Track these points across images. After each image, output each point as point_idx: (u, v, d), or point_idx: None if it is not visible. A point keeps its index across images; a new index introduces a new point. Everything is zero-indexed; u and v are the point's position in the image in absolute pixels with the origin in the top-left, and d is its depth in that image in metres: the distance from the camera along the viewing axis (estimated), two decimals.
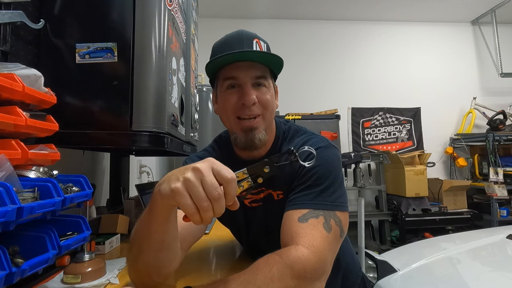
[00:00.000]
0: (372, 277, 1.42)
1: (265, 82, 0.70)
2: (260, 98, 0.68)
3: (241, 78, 0.68)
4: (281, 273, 0.50)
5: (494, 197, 3.12)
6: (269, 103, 0.70)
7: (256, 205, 0.76)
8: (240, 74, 0.68)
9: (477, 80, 4.04)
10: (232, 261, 0.90)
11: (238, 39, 0.69)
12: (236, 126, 0.70)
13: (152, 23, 0.86)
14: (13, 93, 0.59)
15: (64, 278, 0.71)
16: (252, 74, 0.68)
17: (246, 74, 0.68)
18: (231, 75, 0.68)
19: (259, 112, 0.69)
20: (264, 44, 0.71)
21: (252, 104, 0.67)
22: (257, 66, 0.68)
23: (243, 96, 0.67)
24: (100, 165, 1.54)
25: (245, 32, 0.71)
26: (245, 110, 0.68)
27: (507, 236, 1.52)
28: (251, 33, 0.71)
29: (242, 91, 0.68)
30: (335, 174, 0.67)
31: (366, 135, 3.72)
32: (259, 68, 0.69)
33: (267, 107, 0.69)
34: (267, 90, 0.70)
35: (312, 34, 3.92)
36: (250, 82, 0.68)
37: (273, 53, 0.67)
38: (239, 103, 0.68)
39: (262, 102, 0.68)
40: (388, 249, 2.06)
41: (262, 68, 0.69)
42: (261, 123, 0.69)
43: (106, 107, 0.84)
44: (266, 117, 0.70)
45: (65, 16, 0.86)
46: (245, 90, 0.67)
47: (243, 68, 0.67)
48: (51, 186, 0.58)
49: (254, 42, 0.69)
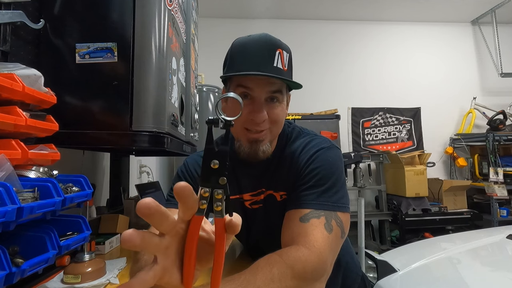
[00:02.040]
0: (372, 277, 1.42)
1: (279, 96, 0.67)
2: (271, 113, 0.66)
3: (256, 92, 0.65)
4: (282, 273, 0.50)
5: (494, 197, 3.12)
6: (279, 118, 0.68)
7: (257, 206, 0.76)
8: (255, 87, 0.65)
9: (477, 80, 4.04)
10: (232, 261, 0.90)
11: (259, 48, 0.64)
12: (242, 136, 0.69)
13: (152, 23, 0.86)
14: (13, 93, 0.59)
15: (64, 278, 0.71)
16: (268, 89, 0.65)
17: (262, 89, 0.65)
18: (246, 84, 0.65)
19: (268, 127, 0.67)
20: (286, 54, 0.67)
21: (262, 121, 0.65)
22: (274, 82, 0.65)
23: (254, 112, 0.64)
24: (100, 165, 1.54)
25: (269, 39, 0.66)
26: (253, 125, 0.66)
27: (507, 236, 1.52)
28: (274, 42, 0.66)
29: (253, 106, 0.65)
30: (338, 175, 0.67)
31: (366, 135, 3.72)
32: (276, 83, 0.65)
33: (277, 122, 0.68)
34: (279, 104, 0.68)
35: (312, 33, 3.92)
36: (264, 96, 0.65)
37: (294, 81, 0.65)
38: (248, 117, 0.65)
39: (272, 118, 0.66)
40: (388, 249, 2.06)
41: (278, 83, 0.66)
42: (268, 136, 0.68)
43: (106, 107, 0.84)
44: (273, 130, 0.69)
45: (65, 16, 0.86)
46: (257, 106, 0.65)
47: (259, 82, 0.64)
48: (51, 186, 0.58)
49: (277, 54, 0.64)
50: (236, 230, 0.34)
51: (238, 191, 0.76)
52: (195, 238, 0.33)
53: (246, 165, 0.74)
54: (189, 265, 0.34)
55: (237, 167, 0.75)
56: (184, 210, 0.32)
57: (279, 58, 0.65)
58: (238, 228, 0.34)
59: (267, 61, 0.64)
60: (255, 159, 0.69)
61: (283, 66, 0.65)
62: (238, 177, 0.75)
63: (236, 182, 0.76)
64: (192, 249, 0.33)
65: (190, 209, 0.32)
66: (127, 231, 0.28)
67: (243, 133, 0.68)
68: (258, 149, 0.67)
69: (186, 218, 0.32)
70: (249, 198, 0.76)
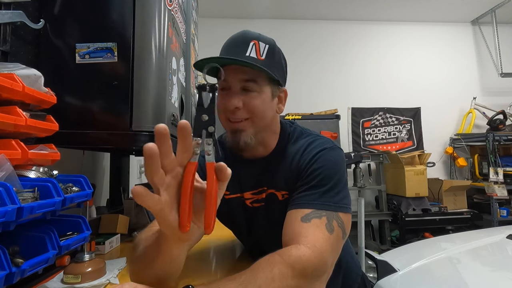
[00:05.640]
0: (372, 277, 1.42)
1: (254, 86, 0.67)
2: (248, 103, 0.67)
3: (229, 81, 0.67)
4: (282, 273, 0.50)
5: (494, 197, 3.12)
6: (257, 108, 0.67)
7: (258, 205, 0.76)
8: (228, 77, 0.67)
9: (477, 80, 4.04)
10: (232, 261, 0.90)
11: (236, 41, 0.69)
12: (226, 126, 0.72)
13: (152, 23, 0.86)
14: (13, 93, 0.59)
15: (64, 278, 0.71)
16: (239, 77, 0.67)
17: (233, 77, 0.67)
18: (223, 77, 0.67)
19: (246, 116, 0.68)
20: (264, 45, 0.68)
21: (234, 108, 0.66)
22: (246, 70, 0.66)
23: (226, 99, 0.67)
24: (100, 165, 1.54)
25: (245, 33, 0.69)
26: (229, 113, 0.68)
27: (507, 236, 1.52)
28: (251, 35, 0.69)
29: (228, 94, 0.68)
30: (340, 176, 0.67)
31: (366, 135, 3.72)
32: (248, 72, 0.66)
33: (255, 112, 0.68)
34: (258, 95, 0.67)
35: (312, 33, 3.92)
36: (238, 85, 0.67)
37: (252, 63, 0.64)
38: (224, 107, 0.68)
39: (248, 107, 0.67)
40: (388, 249, 2.06)
41: (252, 72, 0.66)
42: (248, 127, 0.68)
43: (106, 107, 0.84)
44: (256, 122, 0.69)
45: (65, 16, 0.86)
46: (228, 94, 0.67)
47: (231, 71, 0.67)
48: (51, 186, 0.58)
49: (251, 45, 0.67)
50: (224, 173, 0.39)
51: (239, 190, 0.76)
52: (191, 181, 0.37)
53: (246, 163, 0.74)
54: (184, 207, 0.37)
55: (238, 165, 0.75)
56: (183, 150, 0.36)
57: (253, 48, 0.67)
58: (226, 171, 0.39)
59: (240, 51, 0.66)
60: (239, 150, 0.71)
61: (258, 55, 0.67)
62: (239, 175, 0.75)
63: (237, 181, 0.76)
64: (187, 191, 0.37)
65: (188, 150, 0.37)
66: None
67: (226, 125, 0.71)
68: (240, 139, 0.68)
69: (184, 161, 0.37)
70: (250, 197, 0.76)
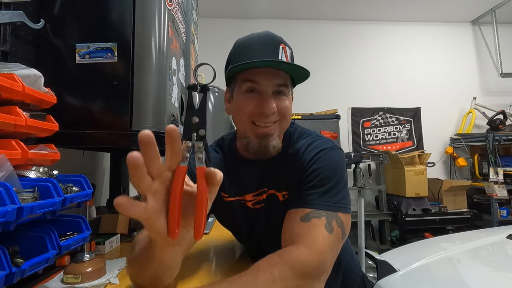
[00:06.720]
0: (372, 277, 1.42)
1: (286, 90, 0.67)
2: (279, 106, 0.66)
3: (263, 85, 0.65)
4: (283, 274, 0.50)
5: (494, 197, 3.12)
6: (287, 111, 0.67)
7: (259, 206, 0.76)
8: (262, 81, 0.64)
9: (477, 80, 4.04)
10: (232, 261, 0.90)
11: (263, 43, 0.66)
12: (251, 131, 0.68)
13: (152, 23, 0.86)
14: (13, 93, 0.59)
15: (64, 278, 0.71)
16: (274, 82, 0.65)
17: (268, 81, 0.65)
18: (252, 78, 0.65)
19: (276, 119, 0.67)
20: (289, 50, 0.68)
21: (271, 113, 0.65)
22: (280, 74, 0.65)
23: (262, 104, 0.64)
24: (100, 165, 1.54)
25: (272, 35, 0.68)
26: (262, 118, 0.66)
27: (507, 236, 1.52)
28: (277, 38, 0.67)
29: (262, 99, 0.65)
30: (340, 176, 0.66)
31: (366, 135, 3.72)
32: (282, 76, 0.66)
33: (285, 115, 0.68)
34: (286, 98, 0.68)
35: (312, 33, 3.92)
36: (271, 89, 0.65)
37: (301, 66, 0.64)
38: (257, 110, 0.65)
39: (280, 110, 0.66)
40: (388, 249, 2.06)
41: (284, 76, 0.66)
42: (276, 129, 0.68)
43: (106, 107, 0.84)
44: (283, 124, 0.69)
45: (65, 16, 0.86)
46: (265, 98, 0.65)
47: (265, 74, 0.64)
48: (51, 186, 0.58)
49: (280, 48, 0.65)
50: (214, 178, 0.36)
51: (240, 192, 0.76)
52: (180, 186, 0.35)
53: (249, 164, 0.74)
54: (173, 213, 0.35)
55: (240, 167, 0.75)
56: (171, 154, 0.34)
57: (283, 52, 0.66)
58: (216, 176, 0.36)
59: (272, 54, 0.65)
60: (265, 155, 0.69)
61: (287, 59, 0.67)
62: (240, 177, 0.75)
63: (238, 184, 0.75)
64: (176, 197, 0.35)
65: (177, 154, 0.34)
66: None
67: (251, 129, 0.67)
68: (268, 144, 0.67)
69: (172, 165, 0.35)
70: (252, 199, 0.76)
